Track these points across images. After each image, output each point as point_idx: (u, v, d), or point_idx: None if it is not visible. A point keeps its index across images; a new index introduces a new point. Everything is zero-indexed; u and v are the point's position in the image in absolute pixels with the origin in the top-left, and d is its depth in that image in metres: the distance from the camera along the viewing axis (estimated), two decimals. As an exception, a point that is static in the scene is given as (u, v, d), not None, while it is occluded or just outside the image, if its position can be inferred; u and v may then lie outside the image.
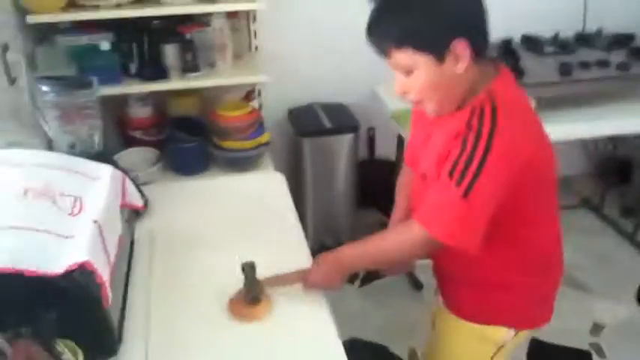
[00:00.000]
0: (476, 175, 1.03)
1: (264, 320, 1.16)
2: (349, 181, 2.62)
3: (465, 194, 1.03)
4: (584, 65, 2.25)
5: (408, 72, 1.08)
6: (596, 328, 2.30)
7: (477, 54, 1.06)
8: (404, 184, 1.43)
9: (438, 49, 1.04)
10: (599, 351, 2.20)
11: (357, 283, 2.54)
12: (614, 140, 2.83)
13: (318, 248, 2.72)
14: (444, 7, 1.02)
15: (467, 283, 1.29)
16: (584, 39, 2.55)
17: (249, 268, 1.16)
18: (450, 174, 1.05)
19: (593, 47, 2.49)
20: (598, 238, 2.82)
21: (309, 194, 2.60)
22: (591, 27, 2.66)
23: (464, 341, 1.36)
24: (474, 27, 1.06)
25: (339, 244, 1.17)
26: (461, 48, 1.03)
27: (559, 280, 1.34)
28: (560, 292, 1.34)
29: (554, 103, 2.21)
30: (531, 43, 2.50)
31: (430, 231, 1.08)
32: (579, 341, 2.24)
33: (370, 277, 2.56)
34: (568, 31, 2.60)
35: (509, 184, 1.07)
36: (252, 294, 1.17)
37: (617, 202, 3.06)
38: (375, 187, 2.79)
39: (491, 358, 1.33)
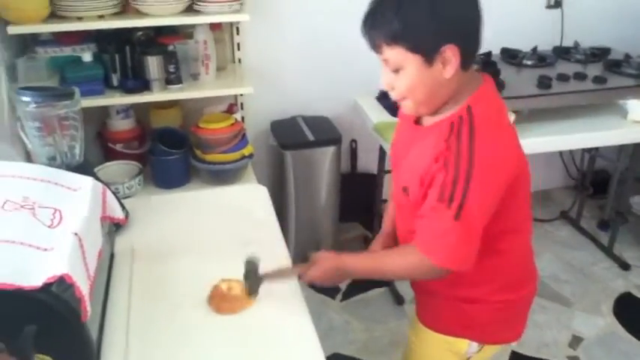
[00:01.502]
0: (464, 195, 1.04)
1: (249, 337, 1.14)
2: (331, 194, 2.63)
3: (457, 216, 1.04)
4: (563, 78, 2.29)
5: (397, 69, 1.09)
6: (575, 341, 2.32)
7: (465, 62, 1.07)
8: (392, 206, 1.41)
9: (428, 52, 1.05)
10: (579, 363, 2.22)
11: (339, 297, 2.54)
12: (592, 153, 2.87)
13: (300, 261, 2.71)
14: (443, 11, 1.03)
15: (442, 297, 1.30)
16: (561, 52, 2.60)
17: (252, 264, 1.19)
18: (440, 198, 1.06)
19: (570, 61, 2.54)
20: (576, 250, 2.85)
21: (291, 207, 2.59)
22: (568, 42, 2.72)
23: (431, 352, 1.38)
24: (468, 35, 1.07)
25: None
26: (451, 53, 1.04)
27: (532, 298, 1.36)
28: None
29: (533, 116, 2.25)
30: (511, 56, 2.54)
31: (432, 260, 1.10)
32: (558, 354, 2.25)
33: (352, 291, 2.56)
34: (546, 46, 2.66)
35: (498, 196, 1.09)
36: (252, 287, 1.20)
37: (595, 214, 3.11)
38: (356, 201, 2.80)
39: None
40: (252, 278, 1.20)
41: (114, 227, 1.40)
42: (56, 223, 1.06)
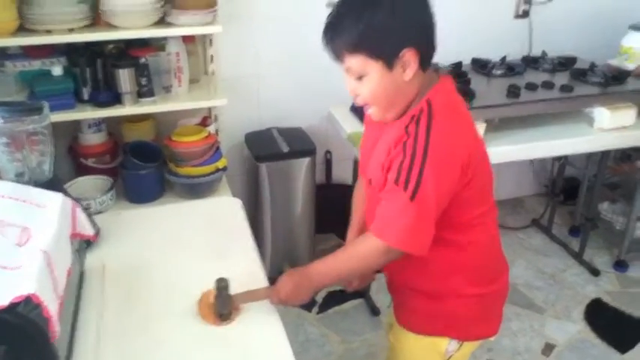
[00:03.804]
0: (419, 177, 1.08)
1: (224, 353, 1.13)
2: (307, 206, 2.63)
3: (413, 197, 1.08)
4: (531, 87, 2.34)
5: (360, 76, 1.13)
6: (548, 348, 2.34)
7: (423, 63, 1.12)
8: (359, 198, 1.46)
9: (389, 57, 1.09)
10: (552, 369, 2.24)
11: (315, 309, 2.53)
12: (562, 160, 2.93)
13: (276, 274, 2.70)
14: (398, 17, 1.08)
15: (415, 294, 1.32)
16: (530, 62, 2.66)
17: (222, 286, 1.18)
18: (396, 181, 1.10)
19: (538, 70, 2.60)
20: (548, 257, 2.90)
21: (267, 219, 2.58)
22: (536, 51, 2.78)
23: (412, 353, 1.39)
24: (424, 38, 1.13)
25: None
26: (410, 57, 1.09)
27: (505, 292, 1.38)
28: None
29: (503, 125, 2.29)
30: (481, 66, 2.58)
31: (385, 240, 1.13)
32: (533, 360, 2.28)
33: (328, 303, 2.55)
34: (515, 55, 2.71)
35: (453, 181, 1.12)
36: (223, 311, 1.19)
37: (566, 221, 3.17)
38: (332, 212, 2.80)
39: None
40: (223, 298, 1.19)
41: (84, 244, 1.37)
42: (24, 241, 1.04)
